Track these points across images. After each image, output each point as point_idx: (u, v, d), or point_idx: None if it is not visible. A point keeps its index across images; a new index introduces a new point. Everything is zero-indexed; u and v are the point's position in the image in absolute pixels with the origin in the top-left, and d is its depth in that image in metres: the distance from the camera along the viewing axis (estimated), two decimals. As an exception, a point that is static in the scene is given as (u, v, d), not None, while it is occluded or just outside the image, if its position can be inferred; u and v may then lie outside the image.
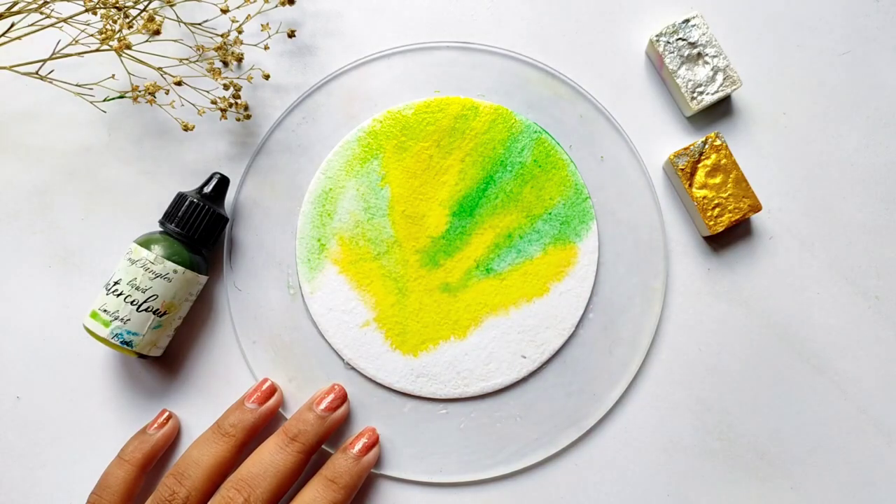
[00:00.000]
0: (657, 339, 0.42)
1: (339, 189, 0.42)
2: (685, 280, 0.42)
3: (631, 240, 0.42)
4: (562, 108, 0.42)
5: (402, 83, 0.43)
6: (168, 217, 0.40)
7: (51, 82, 0.40)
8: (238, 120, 0.42)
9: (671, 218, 0.42)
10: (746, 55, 0.43)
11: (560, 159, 0.42)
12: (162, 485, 0.37)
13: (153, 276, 0.38)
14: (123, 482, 0.38)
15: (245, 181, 0.42)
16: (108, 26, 0.38)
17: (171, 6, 0.41)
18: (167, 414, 0.41)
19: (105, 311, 0.38)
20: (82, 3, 0.38)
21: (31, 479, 0.42)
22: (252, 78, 0.43)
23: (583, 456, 0.41)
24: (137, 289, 0.38)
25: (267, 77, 0.42)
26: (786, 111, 0.43)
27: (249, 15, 0.41)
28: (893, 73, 0.43)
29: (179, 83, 0.40)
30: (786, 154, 0.42)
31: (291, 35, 0.42)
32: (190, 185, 0.42)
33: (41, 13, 0.39)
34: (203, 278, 0.40)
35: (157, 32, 0.39)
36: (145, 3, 0.39)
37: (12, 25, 0.40)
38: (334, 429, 0.40)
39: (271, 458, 0.37)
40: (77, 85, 0.41)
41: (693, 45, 0.41)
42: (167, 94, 0.42)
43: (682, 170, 0.40)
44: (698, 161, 0.40)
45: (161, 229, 0.40)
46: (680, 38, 0.41)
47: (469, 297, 0.41)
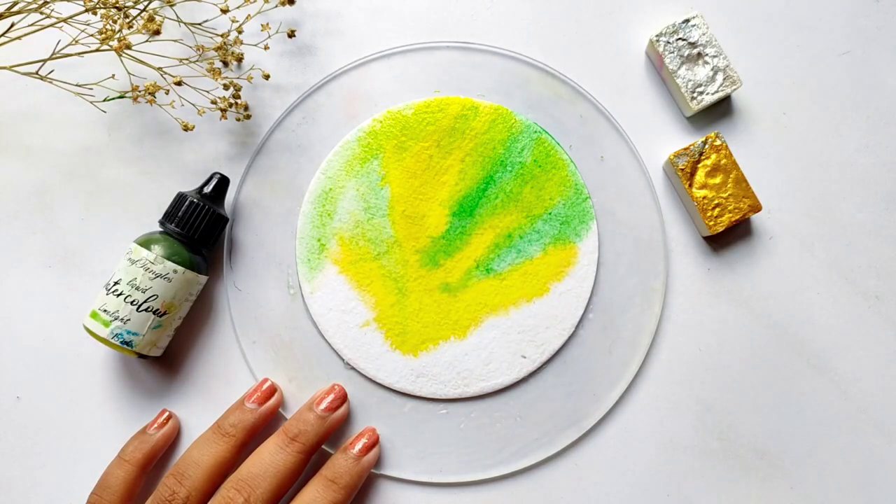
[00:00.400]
0: (657, 339, 0.42)
1: (339, 189, 0.42)
2: (685, 280, 0.42)
3: (631, 240, 0.42)
4: (562, 108, 0.42)
5: (402, 83, 0.43)
6: (168, 217, 0.40)
7: (51, 82, 0.40)
8: (238, 120, 0.42)
9: (671, 218, 0.42)
10: (746, 55, 0.43)
11: (560, 159, 0.42)
12: (162, 485, 0.37)
13: (153, 276, 0.38)
14: (123, 482, 0.38)
15: (245, 181, 0.42)
16: (108, 26, 0.38)
17: (171, 6, 0.41)
18: (167, 414, 0.41)
19: (105, 311, 0.38)
20: (82, 3, 0.38)
21: (31, 479, 0.42)
22: (252, 78, 0.43)
23: (583, 456, 0.41)
24: (137, 289, 0.38)
25: (267, 77, 0.42)
26: (786, 111, 0.43)
27: (249, 15, 0.41)
28: (893, 73, 0.43)
29: (179, 83, 0.40)
30: (786, 154, 0.42)
31: (291, 35, 0.42)
32: (190, 185, 0.42)
33: (41, 13, 0.39)
34: (203, 278, 0.40)
35: (157, 32, 0.39)
36: (145, 3, 0.39)
37: (12, 25, 0.40)
38: (334, 429, 0.40)
39: (271, 458, 0.37)
40: (77, 85, 0.41)
41: (693, 45, 0.41)
42: (167, 94, 0.42)
43: (682, 170, 0.40)
44: (698, 161, 0.40)
45: (161, 229, 0.40)
46: (680, 38, 0.41)
47: (469, 297, 0.41)
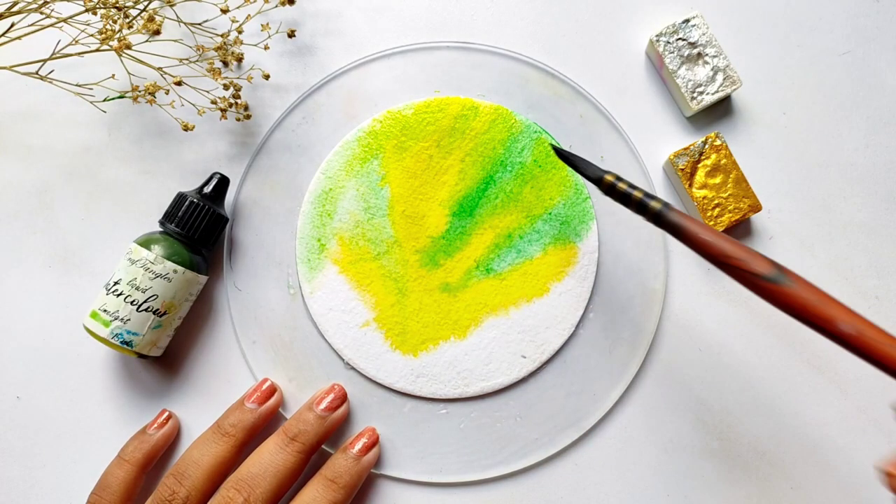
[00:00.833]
0: (657, 339, 0.42)
1: (339, 189, 0.42)
2: (685, 280, 0.42)
3: (631, 240, 0.42)
4: (562, 108, 0.42)
5: (402, 83, 0.43)
6: (168, 217, 0.40)
7: (51, 82, 0.40)
8: (238, 120, 0.42)
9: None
10: (746, 55, 0.43)
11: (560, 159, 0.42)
12: (162, 485, 0.37)
13: (153, 276, 0.38)
14: (123, 482, 0.38)
15: (245, 181, 0.42)
16: (108, 26, 0.38)
17: (171, 6, 0.41)
18: (167, 414, 0.41)
19: (105, 311, 0.38)
20: (82, 3, 0.38)
21: (31, 479, 0.42)
22: (252, 78, 0.43)
23: (583, 456, 0.41)
24: (137, 289, 0.38)
25: (267, 77, 0.42)
26: (786, 111, 0.43)
27: (249, 15, 0.41)
28: (893, 73, 0.43)
29: (179, 83, 0.40)
30: (786, 154, 0.42)
31: (291, 35, 0.42)
32: (190, 185, 0.42)
33: (41, 13, 0.39)
34: (203, 278, 0.40)
35: (157, 32, 0.39)
36: (145, 3, 0.39)
37: (12, 25, 0.40)
38: (334, 429, 0.40)
39: (271, 458, 0.37)
40: (77, 85, 0.41)
41: (693, 45, 0.41)
42: (167, 94, 0.42)
43: (682, 170, 0.40)
44: (698, 161, 0.40)
45: (161, 229, 0.40)
46: (680, 38, 0.41)
47: (469, 297, 0.41)
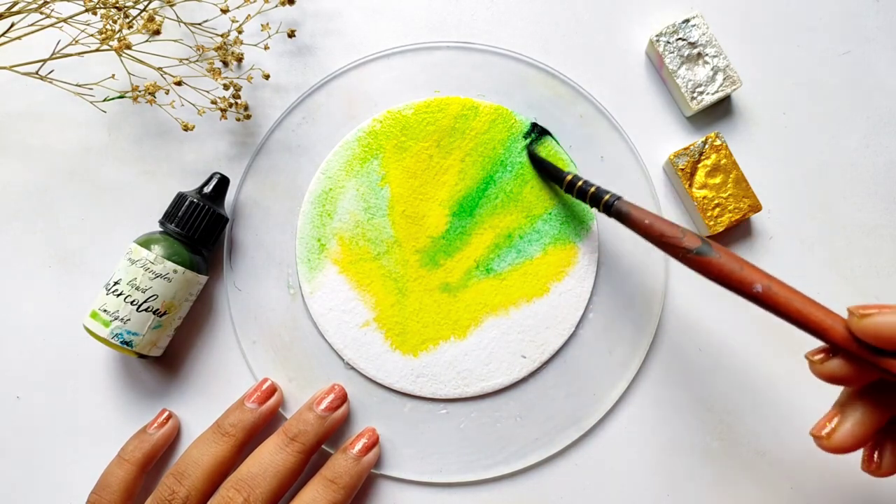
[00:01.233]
0: (657, 339, 0.42)
1: (339, 189, 0.42)
2: (685, 280, 0.42)
3: (631, 240, 0.42)
4: (562, 108, 0.42)
5: (402, 83, 0.43)
6: (168, 217, 0.40)
7: (51, 82, 0.40)
8: (238, 120, 0.42)
9: (671, 218, 0.42)
10: (746, 55, 0.43)
11: (560, 159, 0.42)
12: (162, 484, 0.37)
13: (153, 276, 0.38)
14: (123, 482, 0.38)
15: (245, 181, 0.42)
16: (108, 26, 0.38)
17: (171, 6, 0.41)
18: (167, 414, 0.41)
19: (105, 311, 0.38)
20: (82, 3, 0.38)
21: (31, 479, 0.42)
22: (252, 78, 0.43)
23: (583, 456, 0.41)
24: (137, 289, 0.38)
25: (267, 77, 0.42)
26: (786, 111, 0.43)
27: (249, 15, 0.41)
28: (893, 73, 0.43)
29: (179, 83, 0.40)
30: (786, 154, 0.42)
31: (291, 35, 0.42)
32: (190, 185, 0.42)
33: (41, 13, 0.39)
34: (203, 278, 0.40)
35: (157, 32, 0.39)
36: (145, 3, 0.39)
37: (12, 25, 0.40)
38: (334, 429, 0.40)
39: (271, 458, 0.37)
40: (77, 85, 0.41)
41: (693, 45, 0.41)
42: (167, 94, 0.42)
43: (682, 170, 0.40)
44: (698, 161, 0.40)
45: (161, 229, 0.40)
46: (680, 38, 0.41)
47: (469, 297, 0.41)
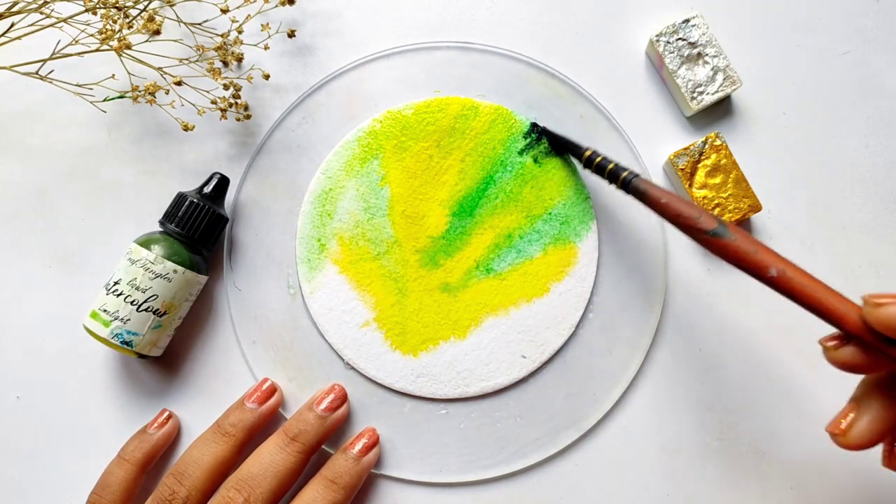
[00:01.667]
0: (657, 339, 0.42)
1: (339, 189, 0.42)
2: (685, 280, 0.42)
3: (631, 240, 0.42)
4: (562, 108, 0.42)
5: (402, 83, 0.43)
6: (168, 217, 0.40)
7: (51, 82, 0.40)
8: (238, 120, 0.42)
9: (671, 218, 0.42)
10: (746, 55, 0.43)
11: (560, 159, 0.42)
12: (162, 484, 0.37)
13: (153, 276, 0.38)
14: (123, 482, 0.38)
15: (245, 181, 0.42)
16: (108, 26, 0.38)
17: (171, 6, 0.41)
18: (167, 413, 0.41)
19: (105, 311, 0.38)
20: (82, 3, 0.38)
21: (31, 479, 0.42)
22: (252, 78, 0.43)
23: (583, 456, 0.41)
24: (137, 289, 0.38)
25: (267, 77, 0.42)
26: (786, 111, 0.43)
27: (249, 15, 0.41)
28: (893, 73, 0.43)
29: (179, 83, 0.40)
30: (786, 154, 0.42)
31: (291, 35, 0.42)
32: (190, 185, 0.42)
33: (41, 13, 0.39)
34: (203, 278, 0.40)
35: (157, 32, 0.39)
36: (145, 3, 0.39)
37: (12, 25, 0.40)
38: (334, 429, 0.40)
39: (271, 458, 0.37)
40: (77, 85, 0.41)
41: (693, 45, 0.41)
42: (167, 94, 0.42)
43: (682, 170, 0.40)
44: (698, 161, 0.40)
45: (161, 229, 0.40)
46: (680, 38, 0.41)
47: (469, 297, 0.41)
